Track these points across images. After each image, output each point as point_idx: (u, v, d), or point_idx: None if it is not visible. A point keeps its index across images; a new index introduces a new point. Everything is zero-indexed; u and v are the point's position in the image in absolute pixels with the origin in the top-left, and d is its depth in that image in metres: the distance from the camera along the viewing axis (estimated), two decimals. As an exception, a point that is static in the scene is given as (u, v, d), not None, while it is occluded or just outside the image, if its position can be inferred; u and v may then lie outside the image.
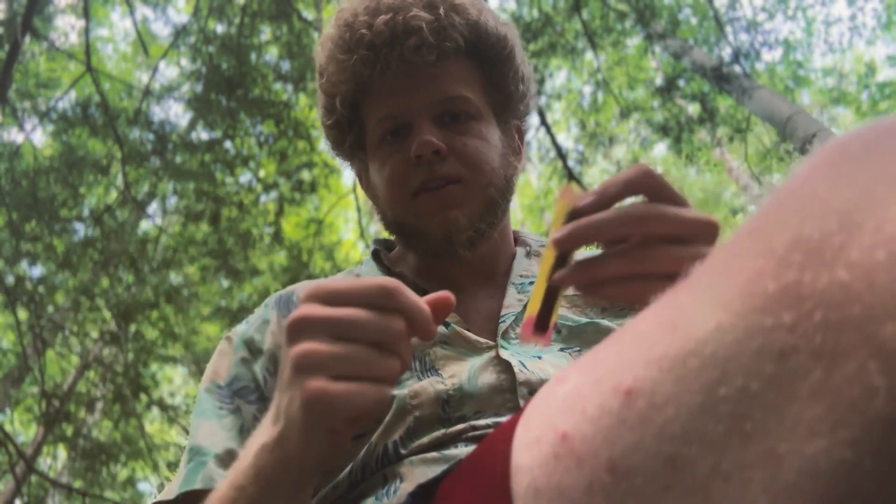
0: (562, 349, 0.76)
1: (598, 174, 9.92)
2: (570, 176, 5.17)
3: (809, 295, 0.22)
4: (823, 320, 0.21)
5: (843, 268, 0.21)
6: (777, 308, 0.22)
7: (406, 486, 0.60)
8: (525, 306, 0.77)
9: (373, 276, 0.72)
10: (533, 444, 0.29)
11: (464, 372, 0.70)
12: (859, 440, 0.20)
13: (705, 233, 0.47)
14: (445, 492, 0.44)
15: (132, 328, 5.23)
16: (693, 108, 6.41)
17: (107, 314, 5.29)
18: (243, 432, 0.72)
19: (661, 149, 9.59)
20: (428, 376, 0.70)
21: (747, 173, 8.10)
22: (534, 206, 10.98)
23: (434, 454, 0.63)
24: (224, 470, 0.66)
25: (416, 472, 0.62)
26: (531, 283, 0.82)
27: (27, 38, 5.32)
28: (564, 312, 0.79)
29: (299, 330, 0.45)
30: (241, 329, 0.80)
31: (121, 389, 5.08)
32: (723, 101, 6.40)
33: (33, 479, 5.12)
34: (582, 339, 0.77)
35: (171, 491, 0.66)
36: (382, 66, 0.76)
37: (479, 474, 0.35)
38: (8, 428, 5.00)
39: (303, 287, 0.84)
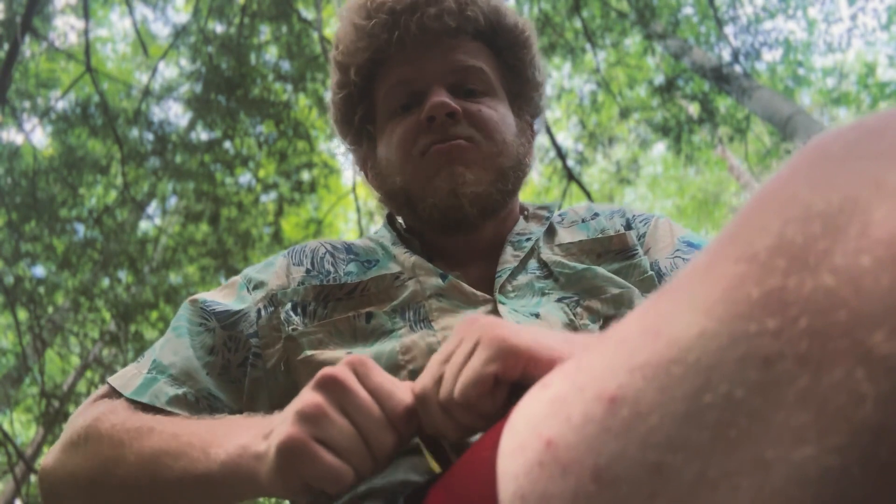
0: (559, 299, 0.75)
1: (598, 174, 9.92)
2: (570, 176, 5.16)
3: (794, 301, 0.22)
4: (809, 326, 0.21)
5: (828, 273, 0.21)
6: (761, 314, 0.22)
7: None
8: (520, 260, 0.80)
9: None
10: (518, 450, 0.29)
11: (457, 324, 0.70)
12: (847, 448, 0.20)
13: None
14: (431, 502, 0.44)
15: (132, 328, 5.22)
16: (693, 108, 6.41)
17: (106, 314, 5.29)
18: (213, 353, 0.74)
19: (660, 149, 9.59)
20: (420, 328, 0.71)
21: (748, 171, 8.10)
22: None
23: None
24: (174, 388, 0.70)
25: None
26: (528, 239, 0.83)
27: (27, 38, 5.31)
28: (560, 259, 0.80)
29: (327, 387, 0.50)
30: (248, 271, 0.84)
31: (120, 390, 5.06)
32: (723, 101, 6.40)
33: (33, 479, 5.11)
34: (580, 285, 0.76)
35: (125, 387, 0.71)
36: (402, 32, 0.76)
37: (466, 482, 0.35)
38: (7, 428, 5.00)
39: (316, 243, 0.85)
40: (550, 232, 0.87)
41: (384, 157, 0.82)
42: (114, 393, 0.72)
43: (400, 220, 0.90)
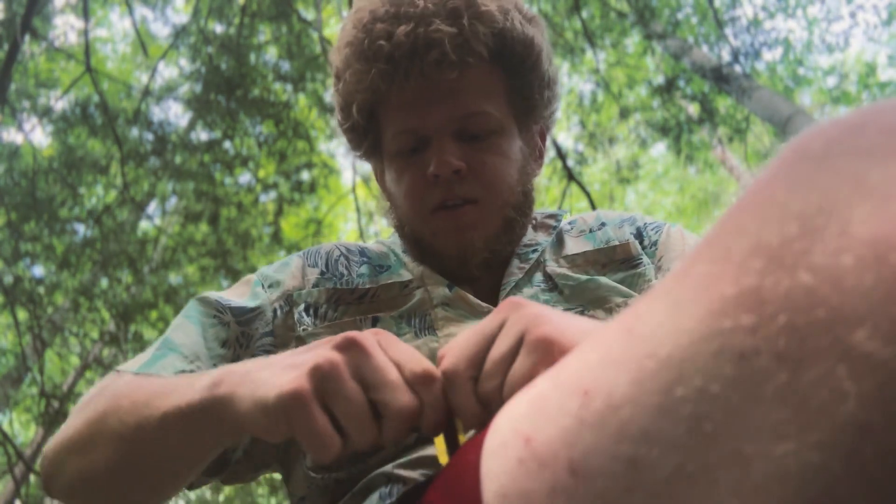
0: (564, 310, 0.75)
1: (598, 174, 9.92)
2: (570, 176, 5.16)
3: (771, 299, 0.21)
4: (787, 324, 0.21)
5: (807, 272, 0.21)
6: (736, 311, 0.22)
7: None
8: (525, 272, 0.80)
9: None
10: (499, 449, 0.29)
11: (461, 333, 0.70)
12: (829, 444, 0.20)
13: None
14: (427, 501, 0.44)
15: (132, 328, 5.22)
16: (693, 108, 6.40)
17: (106, 314, 5.29)
18: (226, 346, 0.73)
19: (661, 148, 9.59)
20: (425, 335, 0.72)
21: (748, 172, 8.10)
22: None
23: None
24: (184, 364, 0.69)
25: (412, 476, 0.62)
26: (534, 251, 0.83)
27: (27, 38, 5.31)
28: (565, 272, 0.80)
29: (347, 348, 0.48)
30: (263, 269, 0.83)
31: (120, 390, 5.06)
32: (723, 101, 6.40)
33: (32, 479, 5.11)
34: (584, 297, 0.77)
35: (131, 366, 0.69)
36: (401, 80, 0.73)
37: (452, 484, 0.35)
38: (7, 429, 5.00)
39: (331, 245, 0.86)
40: (559, 241, 0.87)
41: (393, 194, 0.83)
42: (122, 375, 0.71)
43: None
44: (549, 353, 0.44)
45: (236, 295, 0.80)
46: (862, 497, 0.19)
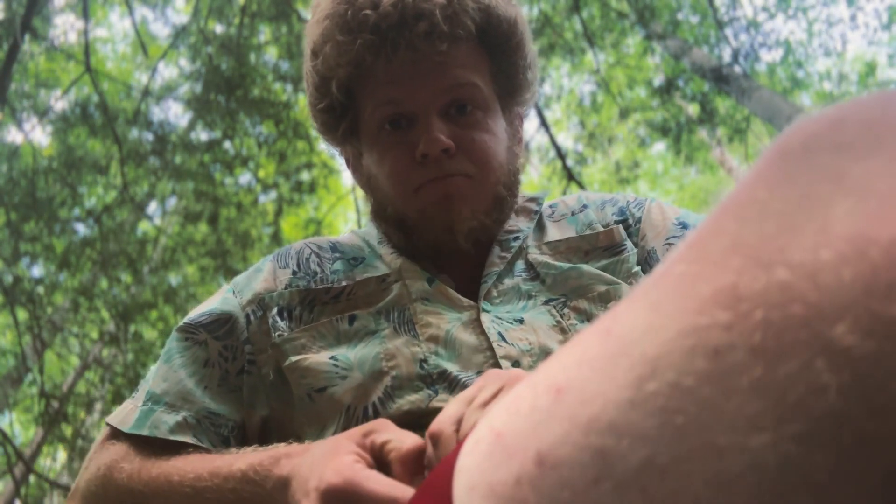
0: (547, 301, 0.75)
1: (597, 174, 9.92)
2: (570, 176, 5.16)
3: (748, 296, 0.21)
4: (763, 319, 0.21)
5: (784, 268, 0.21)
6: (712, 309, 0.22)
7: None
8: (506, 262, 0.79)
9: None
10: (473, 446, 0.30)
11: (441, 330, 0.70)
12: (807, 435, 0.20)
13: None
14: None
15: (131, 328, 5.22)
16: (693, 109, 6.41)
17: (106, 314, 5.29)
18: (207, 366, 0.73)
19: (661, 147, 9.59)
20: (405, 332, 0.71)
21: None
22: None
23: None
24: (172, 415, 0.70)
25: None
26: (515, 237, 0.81)
27: (27, 38, 5.31)
28: (547, 260, 0.79)
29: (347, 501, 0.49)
30: (236, 278, 0.83)
31: (120, 390, 5.07)
32: (722, 101, 6.40)
33: (32, 479, 5.11)
34: (566, 285, 0.76)
35: (123, 423, 0.70)
36: (388, 51, 0.70)
37: (431, 484, 0.35)
38: (7, 429, 5.00)
39: (301, 244, 0.85)
40: (540, 226, 0.86)
41: (373, 174, 0.79)
42: (117, 433, 0.72)
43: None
44: None
45: (207, 304, 0.79)
46: (841, 486, 0.20)
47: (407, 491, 0.47)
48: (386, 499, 0.47)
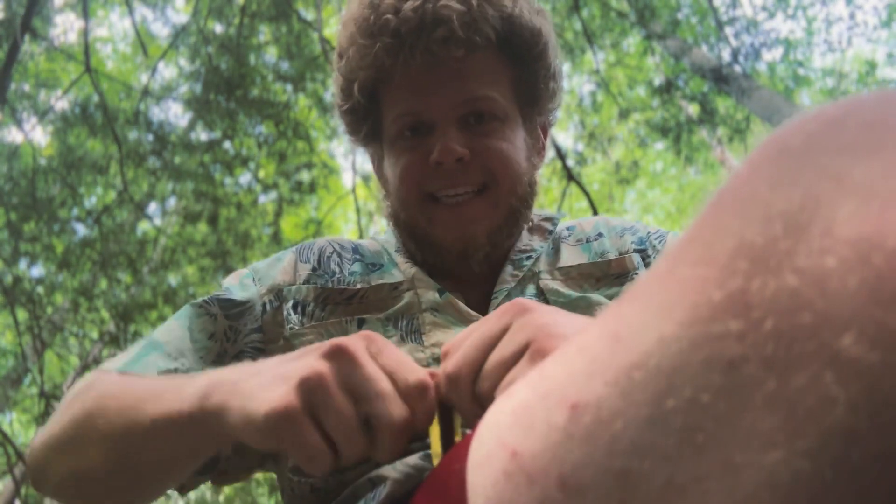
0: None
1: (597, 174, 9.92)
2: (570, 176, 5.16)
3: (758, 303, 0.21)
4: (774, 329, 0.20)
5: (792, 274, 0.21)
6: (724, 317, 0.22)
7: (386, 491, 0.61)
8: (518, 281, 0.79)
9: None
10: (485, 461, 0.29)
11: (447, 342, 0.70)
12: (817, 451, 0.19)
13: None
14: None
15: (131, 329, 5.22)
16: (693, 109, 6.40)
17: (106, 315, 5.29)
18: (213, 339, 0.73)
19: (661, 146, 9.59)
20: (411, 340, 0.72)
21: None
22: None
23: (418, 460, 0.63)
24: (167, 362, 0.69)
25: (399, 480, 0.62)
26: (528, 257, 0.82)
27: (27, 38, 5.31)
28: (557, 288, 0.79)
29: (335, 357, 0.46)
30: (256, 264, 0.84)
31: (120, 390, 5.06)
32: (722, 101, 6.40)
33: (32, 479, 5.11)
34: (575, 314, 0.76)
35: (115, 364, 0.69)
36: (406, 56, 0.71)
37: (438, 493, 0.35)
38: (7, 429, 5.00)
39: (324, 241, 0.86)
40: (555, 249, 0.86)
41: (390, 181, 0.81)
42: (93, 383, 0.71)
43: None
44: None
45: (227, 283, 0.80)
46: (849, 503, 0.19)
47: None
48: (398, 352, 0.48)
